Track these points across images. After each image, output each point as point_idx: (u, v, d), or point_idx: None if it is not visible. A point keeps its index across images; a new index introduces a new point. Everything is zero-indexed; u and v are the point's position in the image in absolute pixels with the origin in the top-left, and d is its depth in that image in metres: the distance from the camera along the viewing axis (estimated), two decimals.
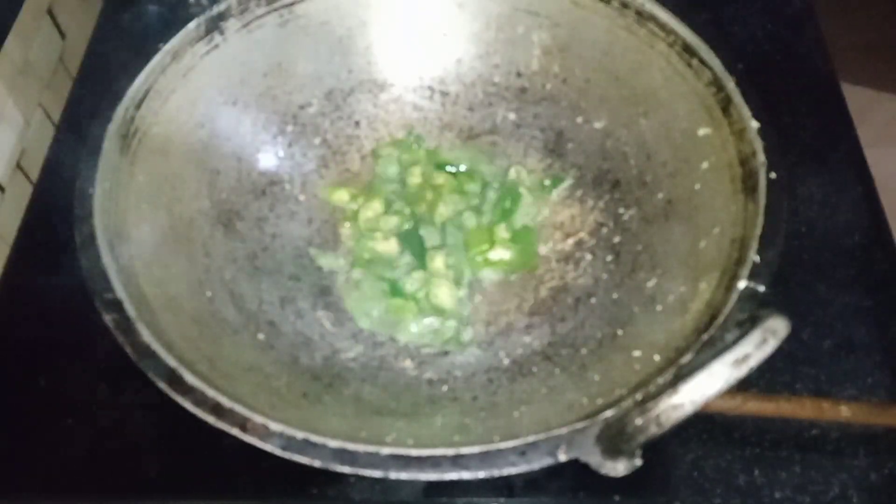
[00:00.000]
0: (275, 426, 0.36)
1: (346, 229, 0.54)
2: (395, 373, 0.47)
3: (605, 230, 0.53)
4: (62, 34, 0.65)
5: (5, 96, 0.56)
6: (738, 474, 0.45)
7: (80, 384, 0.49)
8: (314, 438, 0.35)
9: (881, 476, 0.45)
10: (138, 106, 0.47)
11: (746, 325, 0.37)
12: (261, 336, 0.47)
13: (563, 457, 0.35)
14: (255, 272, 0.50)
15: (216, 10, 0.50)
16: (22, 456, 0.46)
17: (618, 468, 0.35)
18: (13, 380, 0.49)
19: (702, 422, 0.47)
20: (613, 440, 0.35)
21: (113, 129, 0.45)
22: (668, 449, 0.46)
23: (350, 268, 0.52)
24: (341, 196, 0.55)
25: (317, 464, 0.35)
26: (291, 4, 0.52)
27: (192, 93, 0.50)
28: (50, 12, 0.63)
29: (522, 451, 0.35)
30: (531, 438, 0.35)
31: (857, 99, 0.63)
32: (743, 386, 0.37)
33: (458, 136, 0.58)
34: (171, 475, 0.46)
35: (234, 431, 0.36)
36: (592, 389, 0.42)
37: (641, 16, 0.50)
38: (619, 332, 0.46)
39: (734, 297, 0.39)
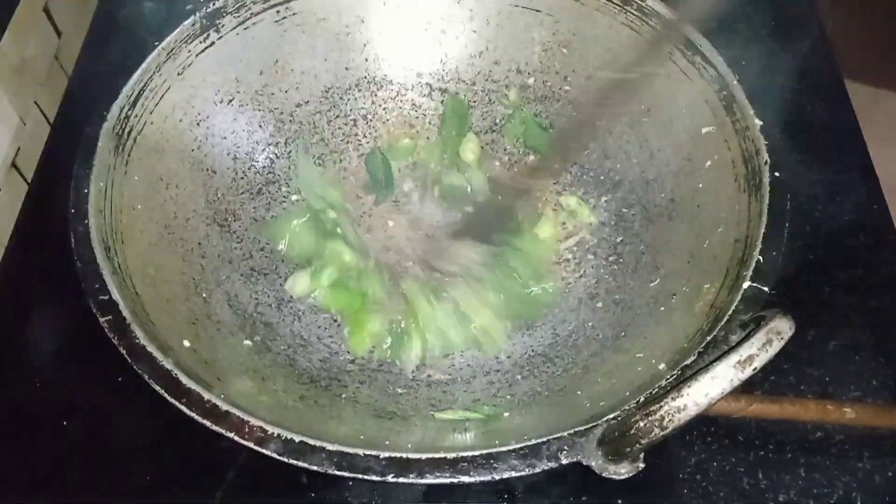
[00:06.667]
0: (272, 429, 0.35)
1: None
2: (394, 375, 0.47)
3: (607, 230, 0.52)
4: (58, 32, 0.65)
5: (1, 94, 0.56)
6: (742, 477, 0.45)
7: (75, 385, 0.48)
8: (312, 442, 0.35)
9: (885, 478, 0.45)
10: (133, 104, 0.46)
11: (751, 326, 0.37)
12: (257, 338, 0.46)
13: (564, 460, 0.35)
14: (250, 273, 0.50)
15: (212, 6, 0.50)
16: (18, 457, 0.46)
17: (620, 471, 0.34)
18: (8, 380, 0.49)
19: (705, 424, 0.46)
20: (616, 443, 0.34)
21: (108, 127, 0.45)
22: (671, 452, 0.46)
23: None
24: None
25: (314, 468, 0.34)
26: (288, 1, 0.52)
27: (188, 91, 0.49)
28: (46, 10, 0.63)
29: (524, 455, 0.35)
30: (532, 441, 0.35)
31: (862, 97, 0.62)
32: (747, 388, 0.36)
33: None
34: (167, 478, 0.45)
35: (231, 435, 0.35)
36: (594, 391, 0.42)
37: (643, 12, 0.50)
38: (622, 333, 0.46)
39: (738, 297, 0.39)
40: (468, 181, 0.55)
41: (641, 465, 0.34)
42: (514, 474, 0.34)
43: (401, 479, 0.34)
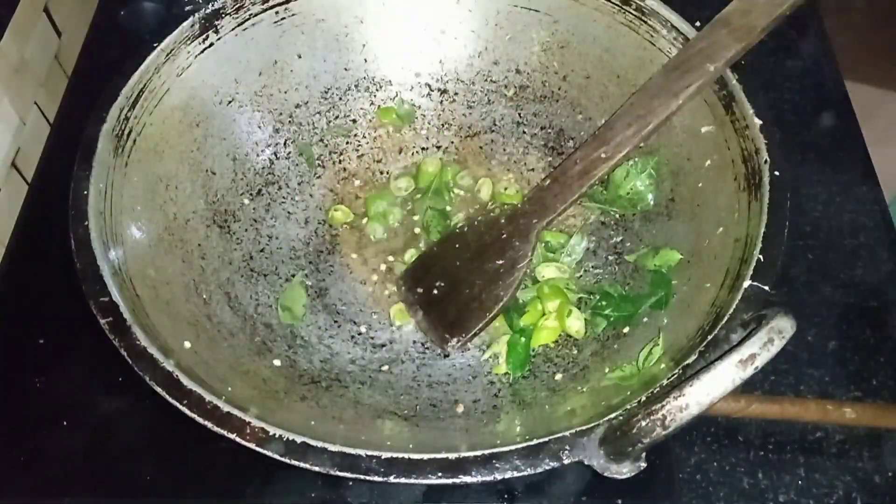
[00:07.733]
0: (273, 430, 0.35)
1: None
2: (395, 375, 0.47)
3: (607, 230, 0.52)
4: (58, 32, 0.65)
5: (1, 94, 0.56)
6: (742, 477, 0.45)
7: (76, 386, 0.48)
8: (313, 443, 0.35)
9: (885, 478, 0.45)
10: (133, 105, 0.46)
11: (752, 325, 0.37)
12: (258, 339, 0.46)
13: (566, 460, 0.35)
14: (251, 274, 0.50)
15: (211, 7, 0.50)
16: (19, 457, 0.46)
17: (622, 471, 0.34)
18: (9, 380, 0.49)
19: (706, 424, 0.46)
20: (618, 443, 0.34)
21: (107, 129, 0.45)
22: (671, 451, 0.46)
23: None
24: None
25: (315, 469, 0.34)
26: (287, 2, 0.52)
27: (187, 92, 0.49)
28: (46, 10, 0.63)
29: (525, 454, 0.35)
30: (534, 441, 0.35)
31: (862, 97, 0.62)
32: (747, 388, 0.36)
33: (456, 135, 0.58)
34: (168, 478, 0.45)
35: (233, 436, 0.35)
36: (596, 391, 0.42)
37: (643, 12, 0.50)
38: (622, 333, 0.45)
39: (739, 296, 0.39)
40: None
41: (643, 465, 0.34)
42: (516, 474, 0.34)
43: (402, 480, 0.34)
